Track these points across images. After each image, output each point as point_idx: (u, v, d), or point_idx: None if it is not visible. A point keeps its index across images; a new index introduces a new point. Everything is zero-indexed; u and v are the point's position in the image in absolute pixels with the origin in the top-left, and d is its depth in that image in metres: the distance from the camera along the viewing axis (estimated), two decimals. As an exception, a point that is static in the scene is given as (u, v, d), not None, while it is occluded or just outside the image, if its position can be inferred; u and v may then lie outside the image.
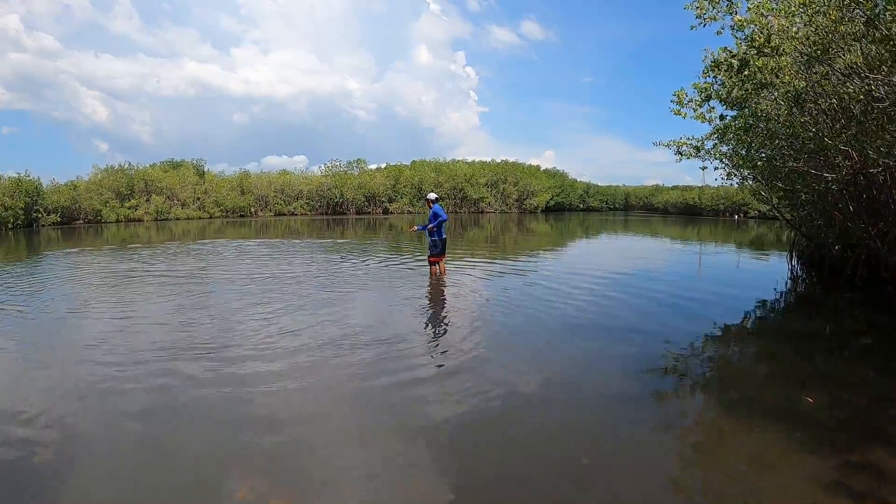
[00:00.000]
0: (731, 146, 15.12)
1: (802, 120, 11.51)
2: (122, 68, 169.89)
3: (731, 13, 10.77)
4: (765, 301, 12.20)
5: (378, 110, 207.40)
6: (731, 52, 10.90)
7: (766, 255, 23.33)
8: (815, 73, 10.19)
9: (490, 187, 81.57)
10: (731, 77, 11.42)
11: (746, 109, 12.27)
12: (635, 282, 14.35)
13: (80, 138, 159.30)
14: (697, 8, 11.02)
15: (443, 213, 13.87)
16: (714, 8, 10.87)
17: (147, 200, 59.05)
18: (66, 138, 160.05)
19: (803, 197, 14.16)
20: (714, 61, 11.82)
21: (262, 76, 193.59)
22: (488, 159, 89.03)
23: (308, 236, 31.88)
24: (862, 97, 9.24)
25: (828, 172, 12.15)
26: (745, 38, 10.73)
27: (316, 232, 35.08)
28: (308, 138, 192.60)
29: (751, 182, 17.64)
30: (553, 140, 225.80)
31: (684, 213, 79.05)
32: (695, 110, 14.33)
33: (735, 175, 16.83)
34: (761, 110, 11.82)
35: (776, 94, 11.20)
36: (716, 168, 16.45)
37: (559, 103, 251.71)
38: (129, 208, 56.77)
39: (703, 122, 14.93)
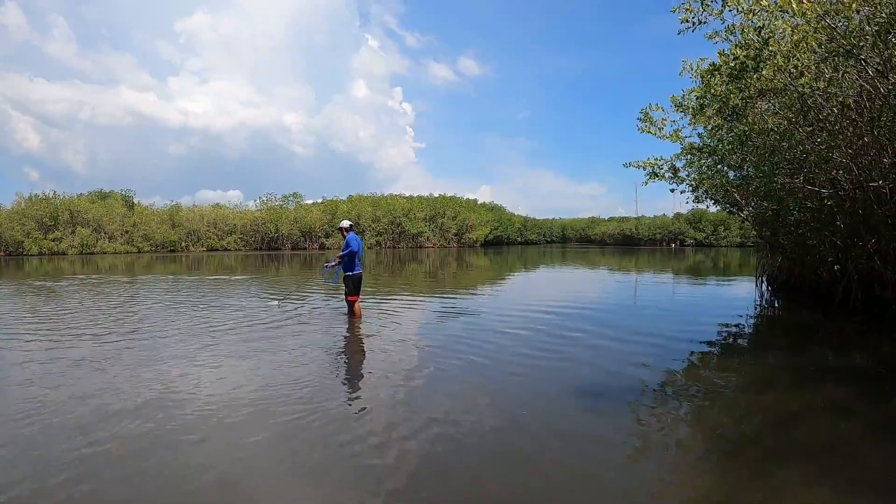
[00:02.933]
0: (709, 164, 14.70)
1: (806, 130, 11.01)
2: (56, 93, 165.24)
3: (723, 17, 10.39)
4: (742, 327, 11.68)
5: (316, 144, 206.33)
6: (733, 54, 10.28)
7: (730, 280, 23.04)
8: (837, 72, 9.71)
9: (428, 221, 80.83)
10: (728, 84, 10.87)
11: (742, 120, 11.72)
12: (608, 319, 13.54)
13: (9, 165, 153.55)
14: (686, 10, 10.52)
15: (355, 243, 12.20)
16: (705, 10, 10.38)
17: (72, 232, 56.47)
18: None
19: (795, 216, 13.65)
20: (712, 65, 11.20)
21: (199, 107, 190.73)
22: (426, 194, 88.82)
23: (242, 272, 30.66)
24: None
25: (825, 188, 11.72)
26: (738, 43, 10.29)
27: (249, 268, 33.43)
28: (244, 172, 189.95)
29: (720, 205, 17.14)
30: (490, 174, 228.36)
31: (622, 244, 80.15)
32: (659, 129, 13.96)
33: (707, 197, 16.42)
34: (760, 120, 11.32)
35: (777, 103, 10.75)
36: (682, 191, 16.01)
37: (496, 137, 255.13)
38: (52, 240, 54.23)
39: (674, 140, 14.52)
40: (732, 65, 10.19)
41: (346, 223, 12.71)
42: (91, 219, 58.44)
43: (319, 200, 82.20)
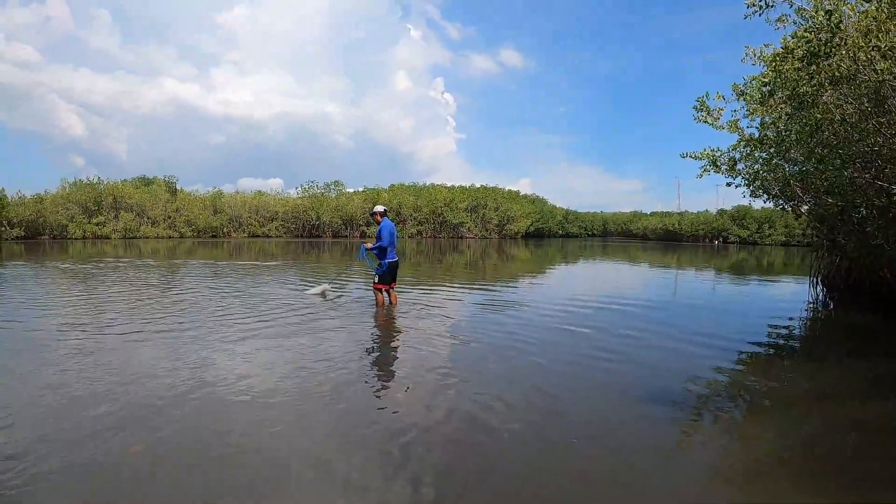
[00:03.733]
0: (766, 156, 13.88)
1: (879, 122, 10.14)
2: (101, 84, 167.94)
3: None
4: (799, 329, 10.94)
5: (355, 135, 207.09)
6: (805, 38, 9.48)
7: (777, 280, 22.04)
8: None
9: (470, 212, 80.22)
10: (799, 70, 10.08)
11: (814, 109, 10.86)
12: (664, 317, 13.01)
13: (55, 152, 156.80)
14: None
15: (387, 230, 11.62)
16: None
17: (115, 217, 57.10)
18: (41, 152, 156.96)
19: (862, 213, 12.77)
20: (785, 48, 10.40)
21: (240, 97, 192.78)
22: (467, 184, 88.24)
23: (283, 258, 30.37)
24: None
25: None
26: (808, 27, 9.52)
27: (291, 255, 33.24)
28: (284, 161, 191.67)
29: (776, 201, 16.18)
30: (529, 167, 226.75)
31: (663, 239, 78.70)
32: (715, 120, 13.21)
33: (763, 192, 15.52)
34: (827, 110, 10.47)
35: (848, 92, 9.90)
36: (737, 186, 15.23)
37: (535, 130, 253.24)
38: (96, 224, 54.78)
39: (732, 131, 13.88)
40: (806, 48, 9.40)
41: (379, 208, 12.06)
42: (134, 204, 59.13)
43: (360, 189, 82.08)
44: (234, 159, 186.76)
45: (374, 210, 12.01)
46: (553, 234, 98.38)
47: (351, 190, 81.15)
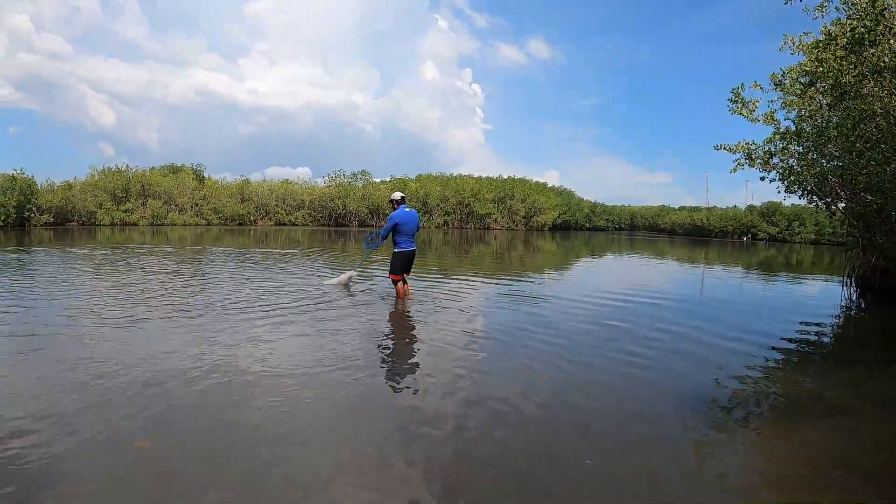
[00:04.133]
0: (802, 150, 13.38)
1: None
2: (130, 73, 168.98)
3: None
4: (835, 330, 10.58)
5: (383, 125, 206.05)
6: (850, 25, 8.99)
7: (806, 279, 21.53)
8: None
9: (497, 203, 79.59)
10: (840, 59, 9.58)
11: (857, 101, 10.33)
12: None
13: (85, 141, 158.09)
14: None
15: (393, 220, 11.21)
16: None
17: (143, 204, 57.29)
18: (72, 141, 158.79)
19: None
20: (827, 35, 9.90)
21: (268, 87, 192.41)
22: (494, 175, 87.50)
23: (309, 246, 30.34)
24: None
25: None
26: (852, 14, 9.04)
27: (317, 243, 33.21)
28: (312, 150, 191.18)
29: (811, 197, 15.59)
30: (556, 159, 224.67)
31: (691, 235, 77.70)
32: (750, 112, 12.78)
33: (798, 188, 14.98)
34: (867, 103, 9.94)
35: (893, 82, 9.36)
36: (772, 180, 14.76)
37: (563, 122, 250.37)
38: (124, 211, 55.01)
39: (768, 123, 13.48)
40: (850, 35, 8.90)
41: (396, 195, 11.69)
42: (162, 191, 59.25)
43: (388, 179, 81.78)
44: (262, 148, 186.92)
45: (392, 197, 11.74)
46: (580, 227, 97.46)
47: (378, 179, 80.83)
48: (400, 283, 11.53)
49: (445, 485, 3.94)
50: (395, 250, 11.34)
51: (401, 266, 11.40)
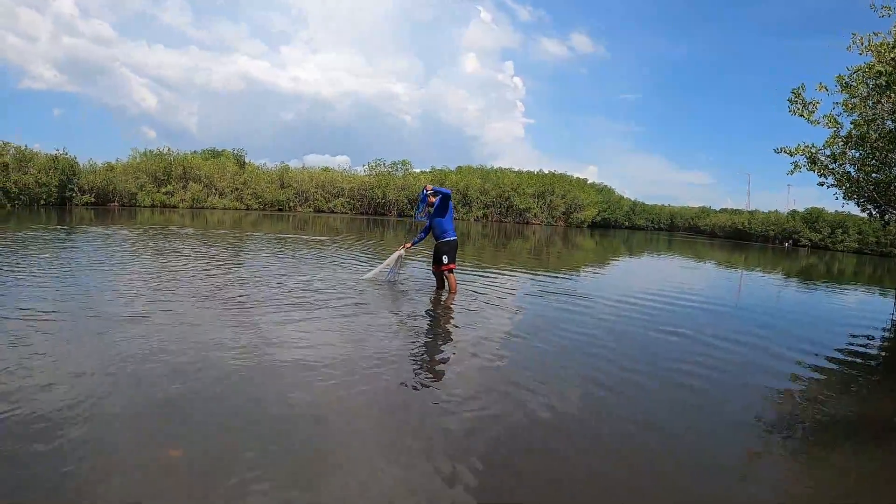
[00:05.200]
0: (868, 156, 12.68)
1: None
2: (173, 59, 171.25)
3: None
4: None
5: (422, 115, 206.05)
6: None
7: (851, 289, 21.00)
8: None
9: (537, 198, 78.98)
10: None
11: None
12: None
13: (128, 124, 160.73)
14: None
15: (449, 190, 10.94)
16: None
17: (184, 187, 57.75)
18: (114, 123, 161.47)
19: None
20: None
21: (309, 75, 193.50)
22: (534, 170, 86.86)
23: (347, 234, 30.27)
24: None
25: None
26: None
27: (356, 232, 33.10)
28: (351, 139, 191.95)
29: (870, 206, 14.81)
30: (596, 155, 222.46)
31: (732, 238, 76.33)
32: (810, 113, 12.16)
33: (857, 195, 14.24)
34: None
35: None
36: (829, 186, 14.06)
37: (604, 118, 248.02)
38: (164, 194, 55.43)
39: (830, 126, 12.81)
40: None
41: (429, 189, 11.21)
42: (203, 175, 59.68)
43: (427, 170, 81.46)
44: (302, 135, 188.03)
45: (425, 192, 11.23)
46: (619, 226, 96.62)
47: (418, 170, 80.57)
48: (454, 276, 10.99)
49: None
50: (448, 238, 10.80)
51: (454, 254, 10.89)
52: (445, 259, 10.74)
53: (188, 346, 6.34)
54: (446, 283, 10.99)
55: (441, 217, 10.79)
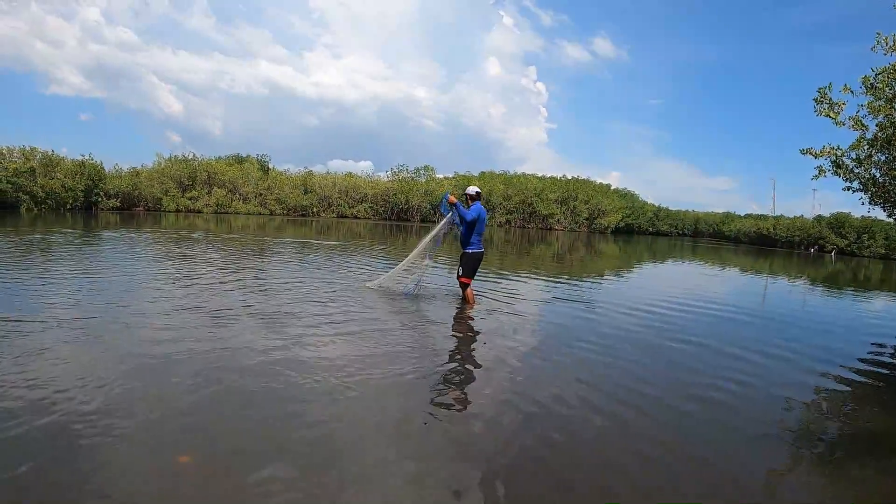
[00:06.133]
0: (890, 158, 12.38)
1: None
2: (197, 64, 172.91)
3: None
4: None
5: (445, 120, 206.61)
6: None
7: (878, 296, 20.63)
8: None
9: (560, 204, 78.70)
10: None
11: None
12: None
13: (153, 129, 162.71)
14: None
15: (475, 211, 10.13)
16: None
17: (208, 192, 58.21)
18: (139, 128, 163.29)
19: None
20: None
21: (332, 80, 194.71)
22: (558, 175, 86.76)
23: (371, 240, 30.45)
24: None
25: None
26: None
27: (378, 237, 33.03)
28: (374, 144, 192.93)
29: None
30: (619, 160, 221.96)
31: (756, 244, 75.61)
32: (836, 115, 11.90)
33: (883, 200, 13.91)
34: None
35: None
36: (854, 191, 13.74)
37: (626, 122, 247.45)
38: (189, 199, 55.94)
39: (856, 128, 12.52)
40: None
41: (472, 189, 10.60)
42: (227, 180, 60.16)
43: (451, 175, 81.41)
44: (325, 140, 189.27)
45: (467, 191, 10.61)
46: (643, 231, 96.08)
47: (441, 175, 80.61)
48: (470, 289, 10.53)
49: None
50: (469, 251, 10.26)
51: (474, 268, 10.43)
52: (461, 271, 10.46)
53: (209, 352, 6.31)
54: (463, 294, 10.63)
55: (463, 227, 10.31)
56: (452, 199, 10.37)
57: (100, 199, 46.43)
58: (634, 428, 5.06)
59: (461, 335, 8.39)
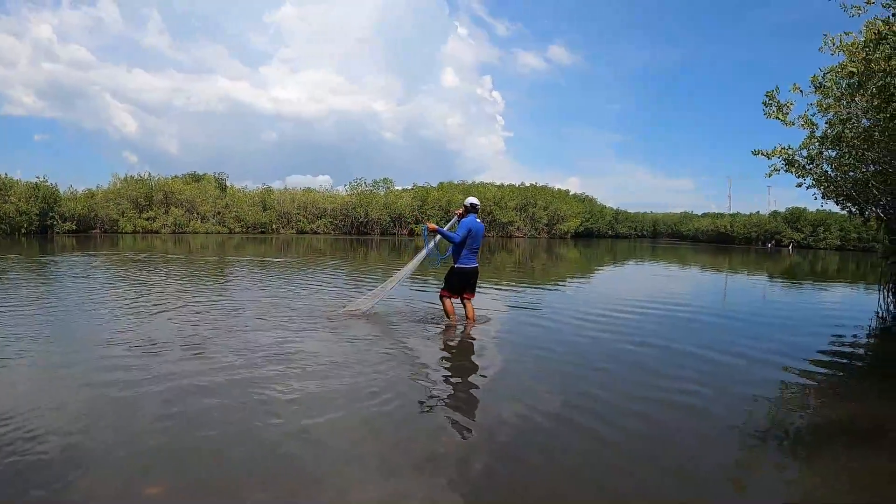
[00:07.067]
0: (844, 154, 12.85)
1: None
2: (153, 82, 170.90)
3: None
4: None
5: (404, 132, 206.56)
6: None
7: (836, 286, 21.41)
8: None
9: (519, 211, 79.41)
10: (889, 58, 9.08)
11: None
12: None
13: (109, 149, 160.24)
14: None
15: (465, 227, 9.62)
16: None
17: (165, 212, 57.70)
18: (96, 149, 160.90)
19: None
20: (878, 33, 9.36)
21: (291, 95, 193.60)
22: (516, 183, 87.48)
23: (332, 257, 30.27)
24: None
25: None
26: None
27: (339, 252, 33.11)
28: (334, 158, 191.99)
29: (850, 205, 14.98)
30: (578, 166, 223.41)
31: (714, 242, 77.17)
32: (785, 115, 12.32)
33: (835, 194, 14.41)
34: None
35: None
36: (808, 186, 14.23)
37: (584, 128, 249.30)
38: (146, 219, 55.47)
39: (806, 127, 12.97)
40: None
41: (468, 200, 10.15)
42: (184, 199, 59.80)
43: (409, 187, 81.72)
44: (284, 156, 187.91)
45: (465, 202, 10.15)
46: (602, 235, 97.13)
47: (400, 187, 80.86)
48: (448, 301, 9.98)
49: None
50: (455, 265, 9.79)
51: (458, 285, 9.86)
52: (444, 283, 10.08)
53: (175, 381, 6.22)
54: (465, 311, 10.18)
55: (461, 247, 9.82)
56: (432, 226, 10.07)
57: (55, 223, 45.88)
58: (601, 434, 5.10)
59: (421, 350, 8.34)
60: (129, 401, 5.54)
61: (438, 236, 10.09)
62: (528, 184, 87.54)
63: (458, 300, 10.07)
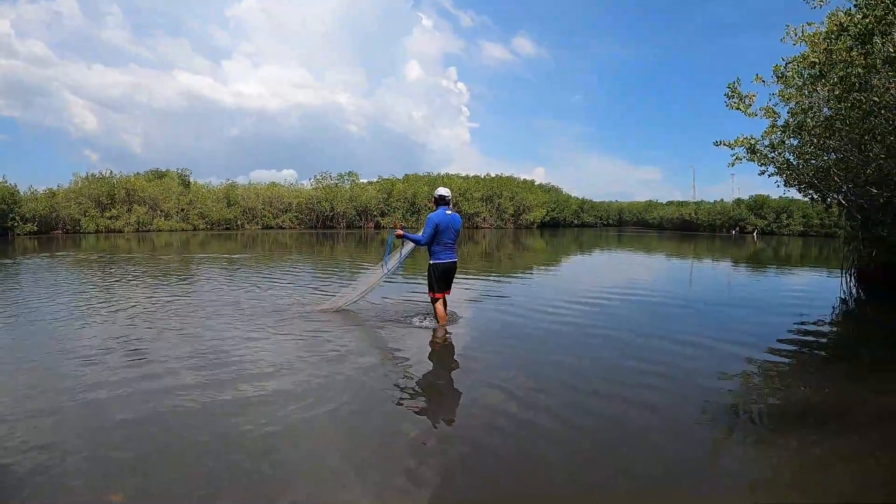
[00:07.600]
0: (805, 143, 13.12)
1: None
2: (113, 78, 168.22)
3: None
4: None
5: (369, 125, 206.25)
6: (862, 13, 8.72)
7: (800, 271, 21.44)
8: None
9: (485, 202, 79.63)
10: (850, 49, 9.33)
11: (868, 93, 10.01)
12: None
13: (70, 148, 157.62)
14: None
15: (432, 223, 9.01)
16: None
17: (128, 210, 56.85)
18: (56, 147, 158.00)
19: None
20: (839, 25, 9.59)
21: (253, 89, 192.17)
22: (482, 174, 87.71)
23: (297, 252, 30.01)
24: None
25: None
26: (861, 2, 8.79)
27: (305, 247, 32.94)
28: (298, 152, 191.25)
29: (810, 192, 15.30)
30: (544, 157, 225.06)
31: (679, 229, 78.06)
32: (747, 106, 12.57)
33: (797, 181, 14.70)
34: (882, 95, 9.64)
35: None
36: (770, 174, 14.52)
37: (550, 119, 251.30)
38: (108, 218, 54.59)
39: (768, 117, 13.26)
40: (862, 25, 8.64)
41: (440, 191, 9.48)
42: (147, 197, 58.84)
43: (375, 180, 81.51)
44: (248, 151, 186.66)
45: (434, 194, 9.52)
46: (568, 224, 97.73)
47: (365, 181, 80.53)
48: (439, 304, 9.40)
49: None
50: (430, 261, 9.23)
51: (437, 281, 9.21)
52: (427, 285, 9.49)
53: (141, 385, 6.18)
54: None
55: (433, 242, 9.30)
56: (400, 231, 9.55)
57: (16, 224, 45.05)
58: (573, 423, 5.19)
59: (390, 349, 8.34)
60: (83, 407, 5.49)
61: (411, 244, 9.79)
62: (493, 174, 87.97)
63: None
